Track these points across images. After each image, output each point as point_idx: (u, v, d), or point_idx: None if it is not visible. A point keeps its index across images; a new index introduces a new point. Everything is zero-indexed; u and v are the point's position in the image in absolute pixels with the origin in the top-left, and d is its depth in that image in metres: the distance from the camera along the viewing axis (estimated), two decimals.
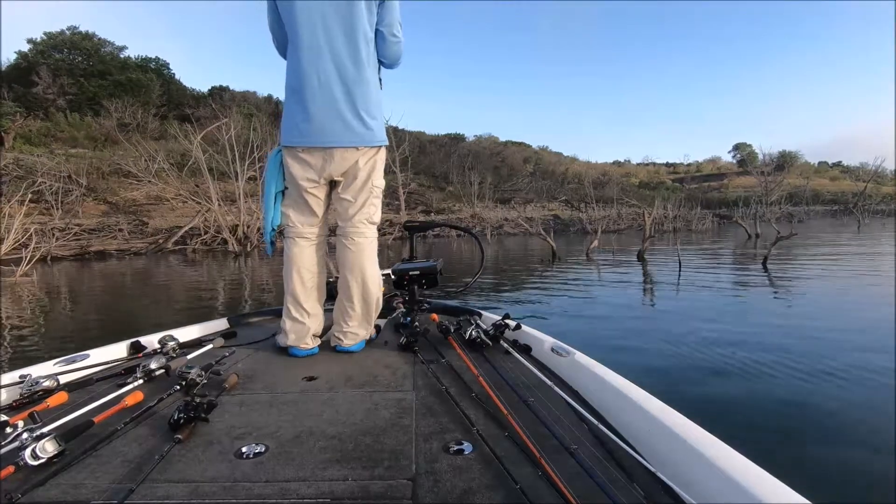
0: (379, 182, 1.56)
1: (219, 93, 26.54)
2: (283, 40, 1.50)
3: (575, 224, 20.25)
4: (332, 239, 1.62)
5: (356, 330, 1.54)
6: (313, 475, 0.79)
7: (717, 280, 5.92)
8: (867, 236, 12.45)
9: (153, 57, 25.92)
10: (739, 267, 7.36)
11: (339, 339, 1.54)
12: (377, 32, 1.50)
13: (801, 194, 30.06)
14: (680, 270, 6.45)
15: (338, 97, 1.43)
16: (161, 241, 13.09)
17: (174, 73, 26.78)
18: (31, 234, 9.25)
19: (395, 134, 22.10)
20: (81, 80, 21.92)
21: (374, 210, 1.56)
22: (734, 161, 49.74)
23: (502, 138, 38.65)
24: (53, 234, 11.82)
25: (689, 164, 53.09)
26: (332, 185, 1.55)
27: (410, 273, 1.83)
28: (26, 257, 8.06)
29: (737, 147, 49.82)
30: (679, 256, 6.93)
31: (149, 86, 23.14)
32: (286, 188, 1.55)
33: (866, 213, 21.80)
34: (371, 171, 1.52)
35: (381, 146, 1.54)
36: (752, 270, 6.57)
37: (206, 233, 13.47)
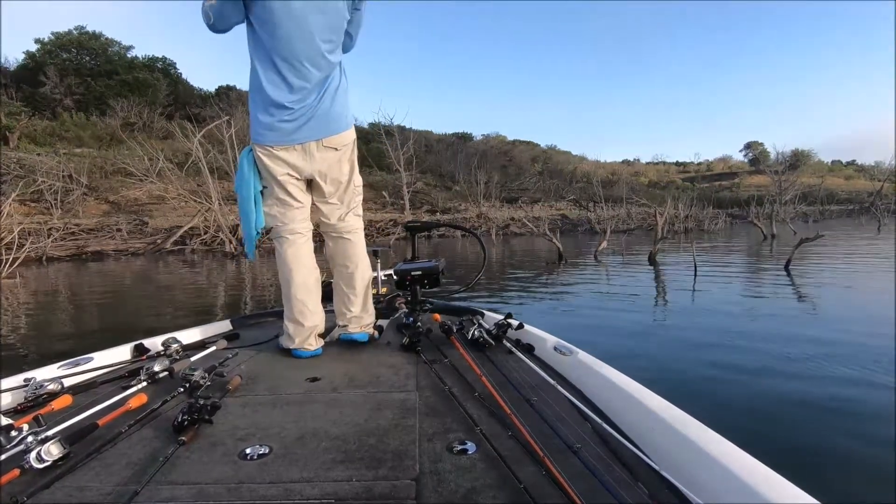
0: (359, 181, 1.62)
1: (226, 92, 26.75)
2: (230, 18, 1.39)
3: (583, 224, 20.08)
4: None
5: (360, 314, 1.57)
6: (317, 476, 0.79)
7: (737, 285, 5.68)
8: (889, 237, 12.02)
9: (160, 56, 26.21)
10: (759, 271, 7.04)
11: (344, 326, 1.57)
12: (345, 33, 1.51)
13: (815, 193, 29.50)
14: (696, 274, 6.16)
15: (314, 94, 1.43)
16: (160, 241, 13.03)
17: (181, 73, 27.09)
18: (15, 236, 8.97)
19: (400, 133, 22.12)
20: (88, 80, 22.16)
21: (356, 205, 1.62)
22: (746, 160, 49.05)
23: (510, 137, 38.57)
24: (49, 234, 11.66)
25: (699, 163, 52.45)
26: (310, 182, 1.56)
27: (412, 273, 1.84)
28: (8, 259, 7.92)
29: (748, 145, 49.16)
30: (694, 259, 6.59)
31: (155, 85, 23.34)
32: (265, 187, 1.52)
33: (885, 212, 21.24)
34: (351, 171, 1.56)
35: (353, 145, 1.57)
36: (773, 274, 6.26)
37: (205, 233, 13.41)
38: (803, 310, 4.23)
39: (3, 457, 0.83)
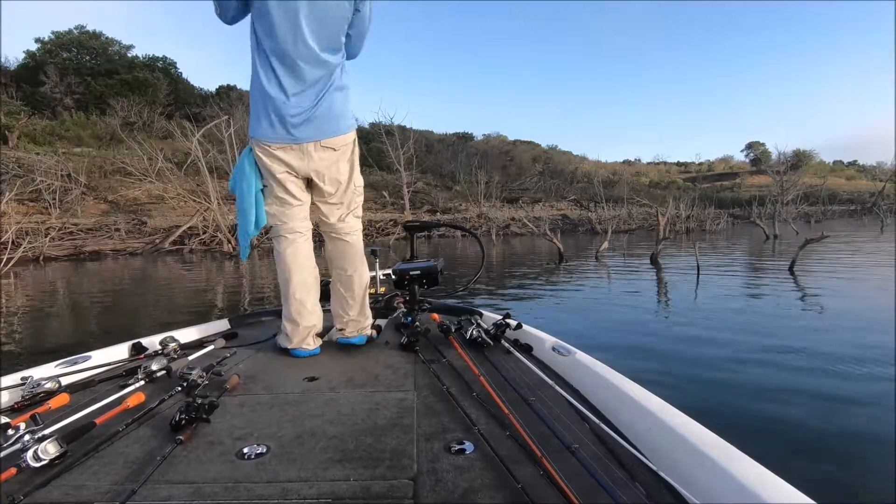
0: (359, 181, 1.60)
1: (226, 91, 26.74)
2: (228, 12, 1.41)
3: (584, 224, 20.06)
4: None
5: (357, 317, 1.56)
6: (315, 475, 0.79)
7: (740, 287, 5.62)
8: (893, 237, 11.92)
9: (160, 56, 26.18)
10: (763, 272, 6.95)
11: (341, 330, 1.55)
12: (346, 35, 1.49)
13: (816, 194, 29.44)
14: (698, 276, 6.10)
15: (312, 94, 1.42)
16: (158, 241, 12.95)
17: (181, 73, 27.06)
18: (10, 235, 8.85)
19: (402, 133, 22.10)
20: (88, 80, 22.10)
21: (357, 206, 1.61)
22: (747, 160, 49.00)
23: (511, 137, 38.51)
24: (46, 234, 11.56)
25: (700, 164, 52.43)
26: (310, 182, 1.54)
27: (411, 273, 1.83)
28: (2, 259, 7.77)
29: (750, 146, 49.05)
30: (697, 259, 6.51)
31: (156, 85, 23.30)
32: (265, 186, 1.52)
33: (888, 213, 21.19)
34: (350, 171, 1.54)
35: (354, 145, 1.56)
36: (777, 276, 6.19)
37: (204, 232, 13.32)
38: (808, 312, 4.20)
39: (0, 455, 0.83)
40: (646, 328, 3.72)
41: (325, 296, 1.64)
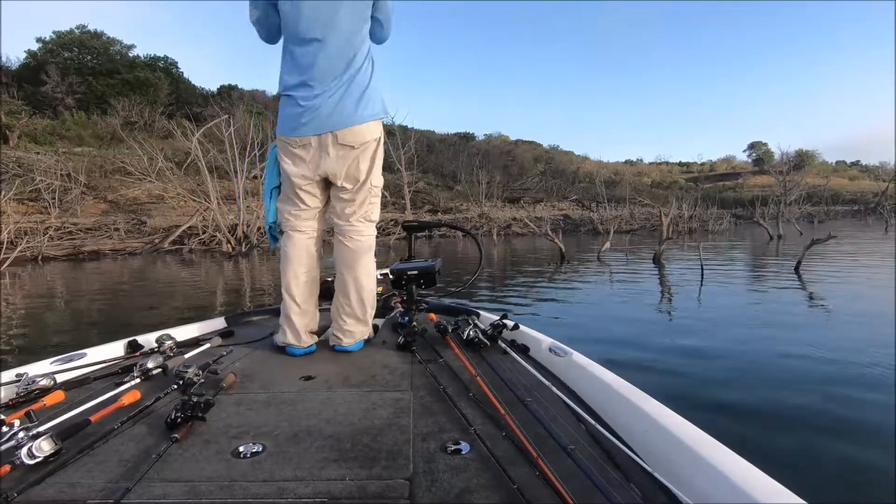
0: (377, 181, 1.54)
1: (227, 91, 26.78)
2: (271, 29, 1.49)
3: (586, 224, 20.02)
4: (329, 237, 1.61)
5: (353, 328, 1.53)
6: (311, 475, 0.79)
7: (745, 288, 5.56)
8: None
9: (161, 56, 26.23)
10: (767, 272, 6.87)
11: (339, 338, 1.53)
12: (373, 19, 1.48)
13: (819, 194, 29.36)
14: (702, 276, 6.01)
15: (334, 89, 1.41)
16: (157, 240, 12.88)
17: (182, 72, 27.09)
18: (5, 235, 8.73)
19: (403, 133, 22.08)
20: (90, 79, 22.13)
21: (372, 209, 1.55)
22: (749, 160, 48.93)
23: (513, 137, 38.53)
24: (45, 233, 11.49)
25: (702, 164, 52.37)
26: (328, 182, 1.52)
27: (408, 273, 1.82)
28: None
29: (752, 146, 48.98)
30: (701, 260, 6.36)
31: (157, 84, 23.34)
32: (280, 184, 1.56)
33: (892, 213, 21.12)
34: (369, 170, 1.50)
35: (377, 144, 1.51)
36: (782, 276, 6.09)
37: (203, 232, 13.24)
38: (814, 315, 4.15)
39: None
40: (648, 329, 3.70)
41: (325, 294, 1.62)
